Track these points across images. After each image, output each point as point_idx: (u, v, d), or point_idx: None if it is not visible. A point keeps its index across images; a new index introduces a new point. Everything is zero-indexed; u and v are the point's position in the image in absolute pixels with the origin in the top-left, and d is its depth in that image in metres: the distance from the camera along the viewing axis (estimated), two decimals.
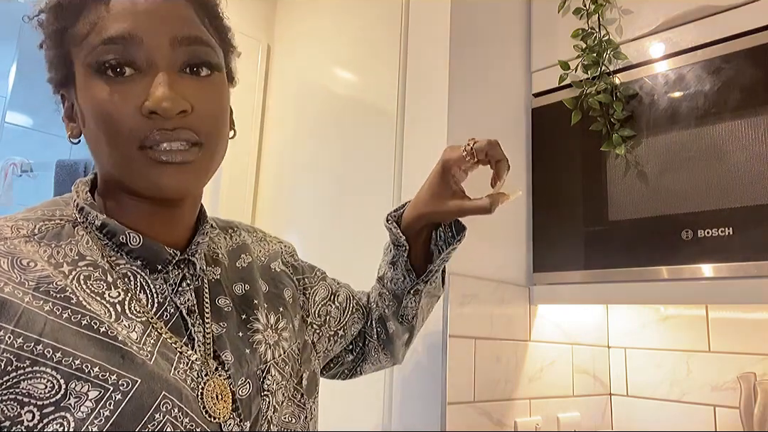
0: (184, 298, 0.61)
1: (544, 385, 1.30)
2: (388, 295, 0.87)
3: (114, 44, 0.55)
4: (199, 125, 0.57)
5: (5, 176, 1.96)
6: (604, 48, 1.23)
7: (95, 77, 0.56)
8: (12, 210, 0.64)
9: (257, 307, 0.70)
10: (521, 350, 1.26)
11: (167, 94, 0.55)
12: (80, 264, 0.57)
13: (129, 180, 0.58)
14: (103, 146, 0.57)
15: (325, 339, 0.81)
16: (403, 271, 0.84)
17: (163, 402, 0.53)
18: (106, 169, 0.60)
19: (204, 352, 0.60)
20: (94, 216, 0.60)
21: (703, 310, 1.37)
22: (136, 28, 0.56)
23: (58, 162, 1.73)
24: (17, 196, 1.97)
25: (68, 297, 0.54)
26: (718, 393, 1.31)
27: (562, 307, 1.37)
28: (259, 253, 0.78)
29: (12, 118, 2.25)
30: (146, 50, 0.56)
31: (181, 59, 0.57)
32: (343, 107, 1.46)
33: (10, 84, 2.22)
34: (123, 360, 0.53)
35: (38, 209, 0.61)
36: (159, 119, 0.55)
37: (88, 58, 0.56)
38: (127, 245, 0.59)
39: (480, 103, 1.26)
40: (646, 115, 1.19)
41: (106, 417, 0.50)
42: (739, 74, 1.08)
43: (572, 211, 1.26)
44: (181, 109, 0.56)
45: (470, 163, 0.79)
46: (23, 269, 0.53)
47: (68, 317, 0.53)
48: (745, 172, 1.05)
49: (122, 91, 0.55)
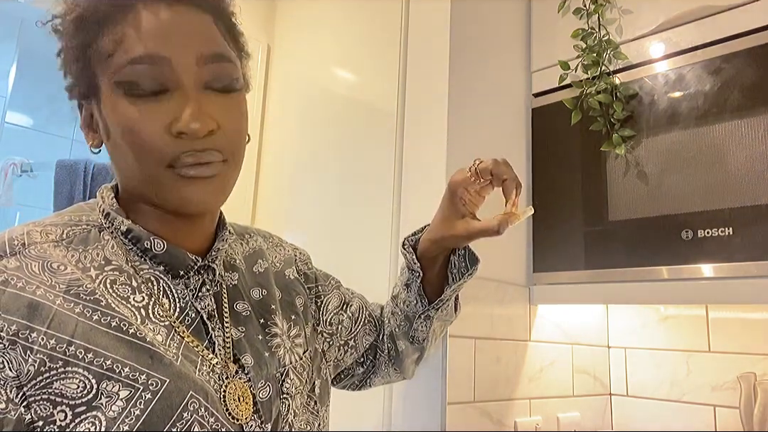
0: (204, 303, 0.62)
1: (544, 385, 1.30)
2: (400, 315, 0.86)
3: (141, 64, 0.56)
4: (225, 143, 0.59)
5: (5, 176, 1.96)
6: (604, 48, 1.23)
7: (122, 95, 0.56)
8: (12, 210, 0.65)
9: (274, 312, 0.71)
10: (521, 350, 1.26)
11: (196, 115, 0.56)
12: (106, 268, 0.58)
13: (155, 195, 0.59)
14: (130, 162, 0.58)
15: (335, 348, 0.82)
16: (416, 295, 0.84)
17: (191, 401, 0.55)
18: (132, 183, 0.61)
19: (224, 355, 0.61)
20: (120, 221, 0.61)
21: (703, 310, 1.37)
22: (163, 47, 0.56)
23: (58, 162, 1.73)
24: (17, 196, 1.97)
25: (98, 299, 0.55)
26: (718, 393, 1.31)
27: (562, 307, 1.37)
28: (274, 259, 0.79)
29: (12, 118, 2.25)
30: (173, 70, 0.56)
31: (206, 77, 0.58)
32: (343, 107, 1.46)
33: (10, 84, 2.22)
34: (152, 360, 0.54)
35: (65, 214, 0.62)
36: (188, 139, 0.56)
37: (115, 77, 0.56)
38: (151, 251, 0.60)
39: (480, 103, 1.26)
40: (646, 115, 1.19)
41: (136, 416, 0.51)
42: (739, 74, 1.08)
43: (572, 211, 1.26)
44: (210, 129, 0.57)
45: (477, 184, 0.78)
46: (53, 272, 0.55)
47: (98, 319, 0.54)
48: (745, 172, 1.05)
49: (150, 110, 0.56)
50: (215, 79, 0.59)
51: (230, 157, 0.60)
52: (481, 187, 0.79)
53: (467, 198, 0.80)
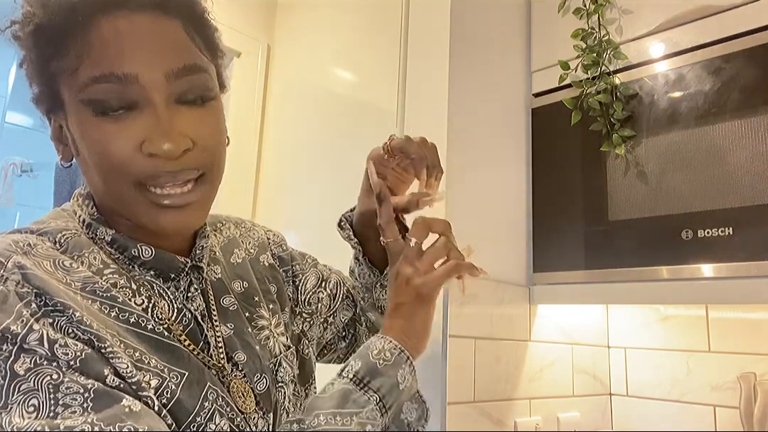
0: (195, 303, 0.62)
1: (544, 385, 1.30)
2: (360, 287, 0.86)
3: (107, 83, 0.52)
4: (201, 160, 0.56)
5: (5, 176, 1.96)
6: (604, 48, 1.23)
7: (88, 114, 0.54)
8: (12, 210, 0.64)
9: (258, 304, 0.71)
10: (521, 350, 1.26)
11: (168, 135, 0.53)
12: (105, 272, 0.57)
13: (127, 214, 0.57)
14: (100, 182, 0.56)
15: (316, 326, 0.82)
16: (365, 267, 0.83)
17: (210, 391, 0.56)
18: (104, 199, 0.59)
19: (218, 355, 0.62)
20: (103, 231, 0.59)
21: (703, 310, 1.37)
22: (129, 64, 0.52)
23: (58, 162, 1.73)
24: (17, 196, 1.97)
25: (114, 296, 0.54)
26: (718, 393, 1.31)
27: (562, 307, 1.37)
28: (248, 246, 0.78)
29: (12, 118, 2.25)
30: (141, 87, 0.53)
31: (177, 91, 0.55)
32: (343, 107, 1.46)
33: (10, 84, 2.22)
34: (171, 354, 0.55)
35: (47, 222, 0.59)
36: (161, 160, 0.53)
37: (80, 95, 0.53)
38: (139, 258, 0.60)
39: (480, 103, 1.26)
40: (646, 115, 1.19)
41: (163, 404, 0.52)
42: (739, 74, 1.08)
43: (572, 211, 1.26)
44: (184, 149, 0.54)
45: (392, 161, 0.75)
46: (67, 270, 0.53)
47: (116, 315, 0.54)
48: (745, 172, 1.05)
49: (119, 129, 0.53)
50: (187, 92, 0.56)
51: (208, 171, 0.58)
52: (404, 165, 0.76)
53: (389, 174, 0.77)
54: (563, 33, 1.31)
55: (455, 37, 1.21)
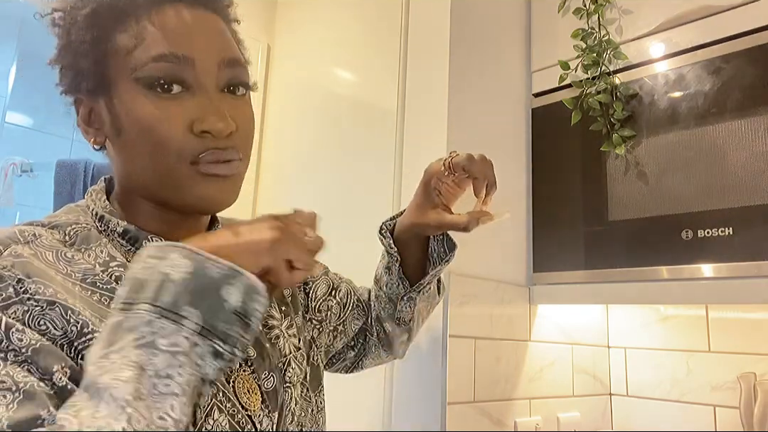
0: None
1: (544, 385, 1.30)
2: (384, 298, 0.87)
3: (166, 62, 0.56)
4: (241, 143, 0.61)
5: (5, 176, 1.96)
6: (604, 48, 1.24)
7: (141, 92, 0.57)
8: (12, 210, 0.64)
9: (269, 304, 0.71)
10: (521, 350, 1.26)
11: (221, 115, 0.57)
12: (111, 264, 0.58)
13: (172, 193, 0.59)
14: (145, 159, 0.58)
15: (325, 334, 0.82)
16: (397, 278, 0.84)
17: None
18: (141, 180, 0.61)
19: None
20: (116, 223, 0.60)
21: (703, 310, 1.37)
22: (188, 48, 0.57)
23: (58, 162, 1.73)
24: (17, 196, 1.97)
25: (114, 289, 0.55)
26: (718, 393, 1.31)
27: (562, 307, 1.37)
28: None
29: (12, 118, 2.25)
30: (196, 71, 0.58)
31: (224, 80, 0.60)
32: (343, 107, 1.46)
33: (10, 84, 2.22)
34: None
35: (59, 216, 0.61)
36: (210, 138, 0.57)
37: (135, 73, 0.57)
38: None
39: (480, 103, 1.26)
40: (646, 115, 1.19)
41: None
42: (739, 74, 1.08)
43: (572, 211, 1.26)
44: (231, 130, 0.58)
45: (450, 177, 0.77)
46: (69, 261, 0.55)
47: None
48: (745, 172, 1.05)
49: (171, 108, 0.57)
50: (231, 82, 0.61)
51: (244, 156, 0.62)
52: (459, 180, 0.79)
53: (443, 189, 0.80)
54: (563, 33, 1.31)
55: (455, 37, 1.21)
